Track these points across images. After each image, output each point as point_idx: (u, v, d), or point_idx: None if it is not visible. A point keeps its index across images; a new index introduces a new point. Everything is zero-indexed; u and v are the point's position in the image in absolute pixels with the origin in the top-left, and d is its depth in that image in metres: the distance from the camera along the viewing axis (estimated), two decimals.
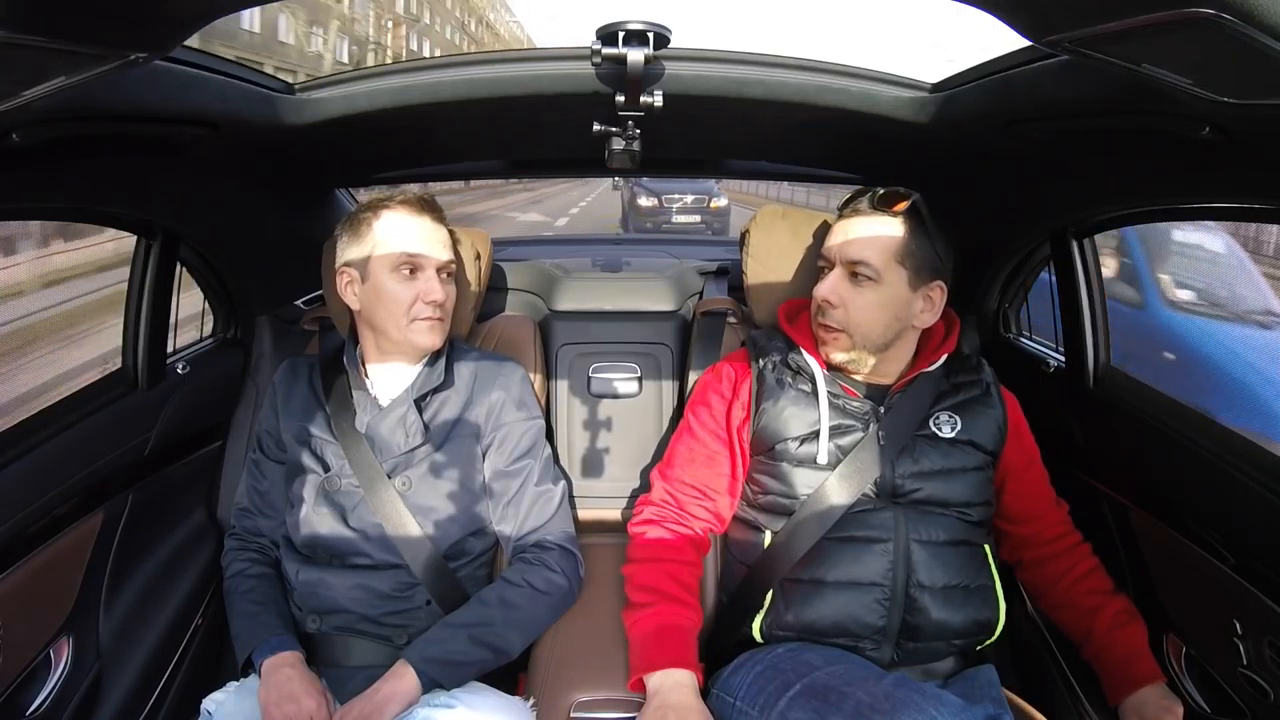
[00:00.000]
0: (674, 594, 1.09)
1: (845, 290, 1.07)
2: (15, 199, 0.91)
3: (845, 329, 1.07)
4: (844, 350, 1.08)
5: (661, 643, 1.05)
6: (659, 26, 0.89)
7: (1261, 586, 0.91)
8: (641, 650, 1.05)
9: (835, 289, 1.07)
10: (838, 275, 1.08)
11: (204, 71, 0.91)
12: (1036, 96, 0.87)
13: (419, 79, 1.06)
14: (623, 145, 1.12)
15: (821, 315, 1.09)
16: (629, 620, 1.10)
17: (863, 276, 1.05)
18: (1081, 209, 1.17)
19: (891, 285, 1.05)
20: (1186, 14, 0.45)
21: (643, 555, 1.14)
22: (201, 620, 1.31)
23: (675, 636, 1.06)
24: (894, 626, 1.03)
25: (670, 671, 1.02)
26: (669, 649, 1.04)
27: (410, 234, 1.11)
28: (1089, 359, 1.24)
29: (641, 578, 1.12)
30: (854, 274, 1.06)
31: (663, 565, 1.11)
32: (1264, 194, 0.84)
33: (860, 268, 1.05)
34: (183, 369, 1.34)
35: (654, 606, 1.08)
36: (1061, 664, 1.23)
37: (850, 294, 1.06)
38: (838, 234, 1.10)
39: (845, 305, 1.06)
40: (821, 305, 1.08)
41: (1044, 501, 1.17)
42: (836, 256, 1.08)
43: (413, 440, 1.13)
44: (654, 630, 1.06)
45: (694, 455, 1.16)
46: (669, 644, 1.05)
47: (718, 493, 1.15)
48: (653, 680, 1.02)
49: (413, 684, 0.98)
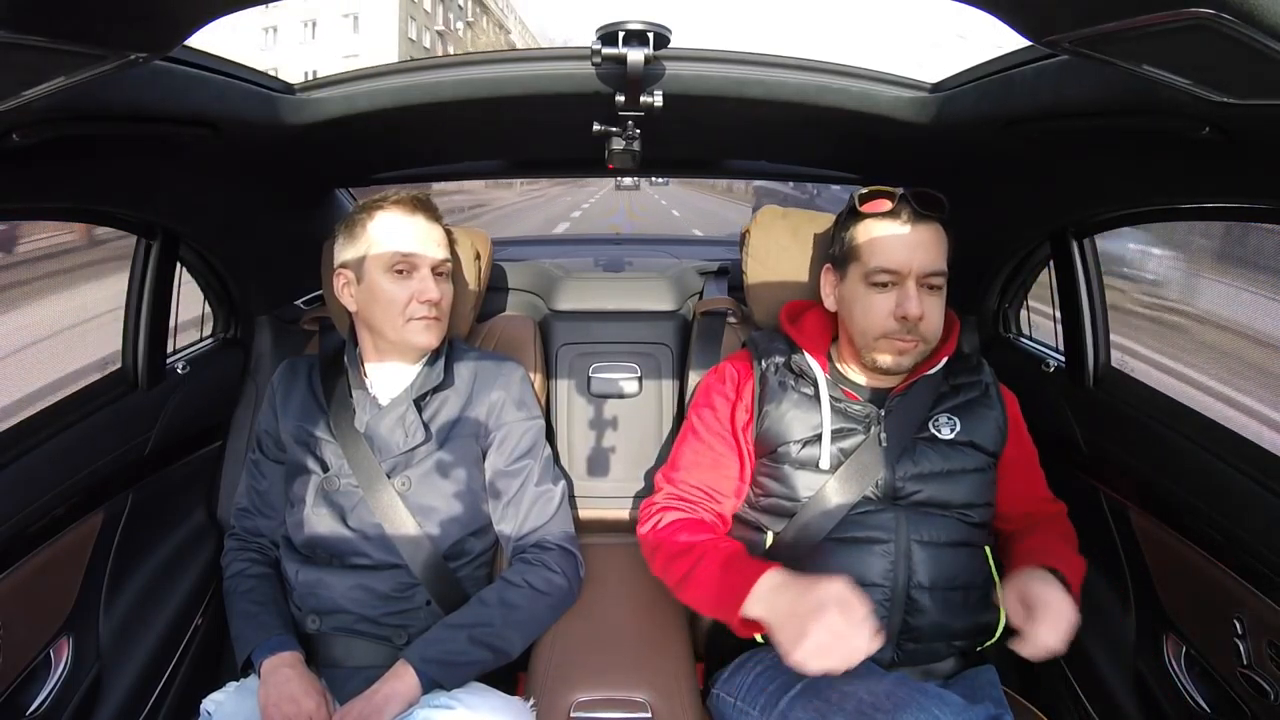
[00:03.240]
0: (716, 536, 1.06)
1: (924, 300, 1.03)
2: (15, 199, 0.91)
3: (924, 338, 1.04)
4: (917, 358, 1.06)
5: (741, 568, 0.96)
6: (659, 26, 0.89)
7: (1261, 586, 0.91)
8: (725, 591, 0.95)
9: (921, 302, 1.01)
10: (915, 287, 1.02)
11: (204, 72, 0.91)
12: (1036, 96, 0.87)
13: (419, 79, 1.06)
14: (623, 145, 1.12)
15: (908, 331, 1.02)
16: (690, 585, 1.01)
17: (937, 285, 1.03)
18: (1081, 209, 1.17)
19: (945, 287, 1.05)
20: (1186, 14, 0.45)
21: (665, 536, 1.09)
22: (201, 620, 1.31)
23: (740, 560, 0.99)
24: (894, 627, 1.03)
25: (767, 576, 0.92)
26: (748, 568, 0.95)
27: (404, 234, 1.11)
28: (1089, 359, 1.24)
29: (674, 547, 1.06)
30: (929, 285, 1.03)
31: (690, 530, 1.08)
32: (1264, 194, 0.84)
33: (936, 278, 1.03)
34: (183, 369, 1.34)
35: (704, 554, 1.01)
36: (1061, 664, 1.23)
37: (928, 303, 1.03)
38: (902, 246, 1.02)
39: (926, 316, 1.03)
40: (908, 322, 1.02)
41: (1040, 502, 1.17)
42: (909, 269, 1.02)
43: (412, 440, 1.12)
44: (720, 566, 0.98)
45: (699, 459, 1.15)
46: (743, 567, 0.96)
47: (724, 495, 1.14)
48: (761, 599, 0.90)
49: (412, 684, 0.98)
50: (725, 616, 0.95)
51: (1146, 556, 1.13)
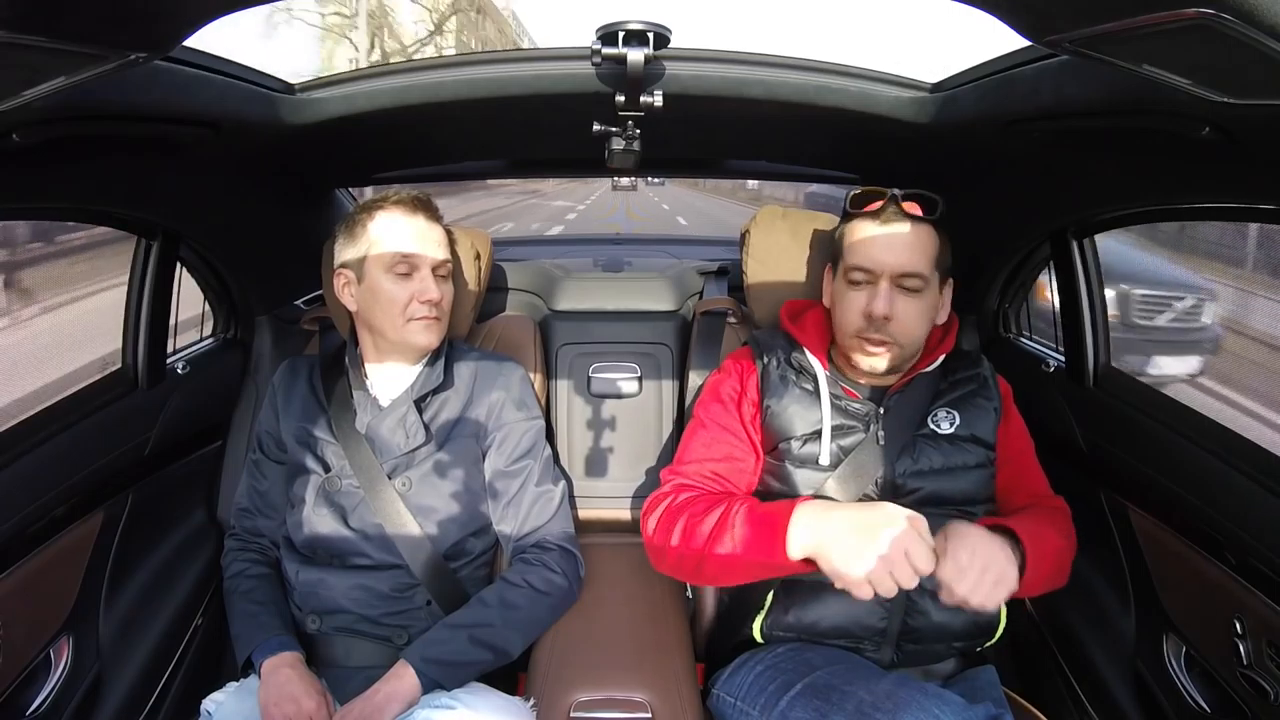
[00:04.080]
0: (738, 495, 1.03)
1: (898, 301, 1.02)
2: (15, 199, 0.91)
3: (898, 340, 1.03)
4: (892, 360, 1.05)
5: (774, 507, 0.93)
6: (659, 26, 0.88)
7: (1261, 586, 0.91)
8: (763, 529, 0.91)
9: (891, 303, 1.01)
10: (888, 288, 1.02)
11: (204, 71, 0.90)
12: (1036, 96, 0.87)
13: (419, 79, 1.06)
14: (623, 145, 1.12)
15: (874, 330, 1.03)
16: (720, 540, 0.94)
17: (913, 287, 1.02)
18: (1081, 209, 1.17)
19: (932, 290, 1.04)
20: (1186, 14, 0.45)
21: (684, 506, 1.03)
22: (201, 620, 1.31)
23: (767, 507, 0.95)
24: (894, 628, 1.03)
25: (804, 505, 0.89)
26: (781, 506, 0.92)
27: (405, 234, 1.11)
28: (1089, 359, 1.24)
29: (698, 509, 1.00)
30: (904, 286, 1.02)
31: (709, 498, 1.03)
32: (1265, 194, 0.84)
33: (911, 280, 1.02)
34: (183, 369, 1.34)
35: (732, 507, 0.97)
36: (1061, 664, 1.23)
37: (902, 305, 1.02)
38: (877, 245, 1.02)
39: (897, 317, 1.02)
40: (877, 321, 1.02)
41: (1039, 498, 1.15)
42: (883, 269, 1.02)
43: (413, 441, 1.12)
44: (750, 510, 0.95)
45: (710, 451, 1.11)
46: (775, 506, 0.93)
47: (736, 486, 1.10)
48: (806, 527, 0.87)
49: (413, 684, 0.98)
50: (765, 556, 0.90)
51: (1146, 556, 1.13)
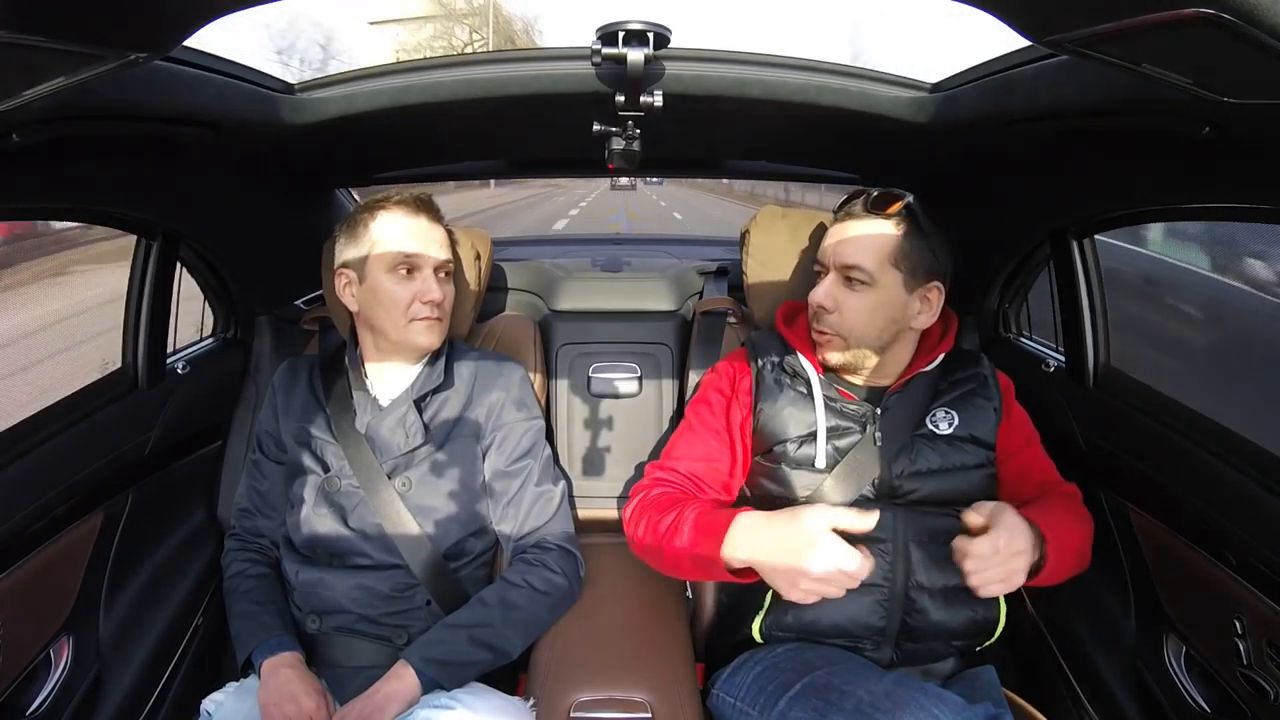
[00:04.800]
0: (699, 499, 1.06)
1: (840, 294, 1.06)
2: (15, 199, 0.91)
3: (840, 333, 1.06)
4: (839, 353, 1.08)
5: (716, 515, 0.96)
6: (659, 26, 0.88)
7: (1261, 586, 0.91)
8: (704, 537, 0.95)
9: (830, 293, 1.06)
10: (832, 280, 1.07)
11: (204, 71, 0.90)
12: (1036, 96, 0.87)
13: (419, 79, 1.06)
14: (623, 145, 1.12)
15: (817, 320, 1.08)
16: (670, 541, 0.99)
17: (857, 280, 1.05)
18: (1081, 209, 1.17)
19: (886, 288, 1.05)
20: (1186, 14, 0.45)
21: (649, 503, 1.08)
22: (201, 620, 1.31)
23: (717, 510, 0.99)
24: (894, 627, 1.03)
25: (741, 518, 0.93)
26: (723, 515, 0.96)
27: (407, 234, 1.11)
28: (1089, 359, 1.24)
29: (657, 509, 1.05)
30: (848, 278, 1.05)
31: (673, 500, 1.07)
32: (1265, 194, 0.84)
33: (854, 271, 1.05)
34: (183, 369, 1.34)
35: (684, 510, 1.01)
36: (1061, 664, 1.23)
37: (845, 298, 1.06)
38: (832, 238, 1.09)
39: (840, 309, 1.06)
40: (817, 310, 1.08)
41: (1049, 484, 1.13)
42: (831, 261, 1.07)
43: (413, 441, 1.12)
44: (697, 517, 0.98)
45: (691, 451, 1.15)
46: (718, 514, 0.97)
47: (710, 488, 1.13)
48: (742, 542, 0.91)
49: (413, 684, 0.98)
50: (708, 566, 0.95)
51: (1146, 556, 1.13)
